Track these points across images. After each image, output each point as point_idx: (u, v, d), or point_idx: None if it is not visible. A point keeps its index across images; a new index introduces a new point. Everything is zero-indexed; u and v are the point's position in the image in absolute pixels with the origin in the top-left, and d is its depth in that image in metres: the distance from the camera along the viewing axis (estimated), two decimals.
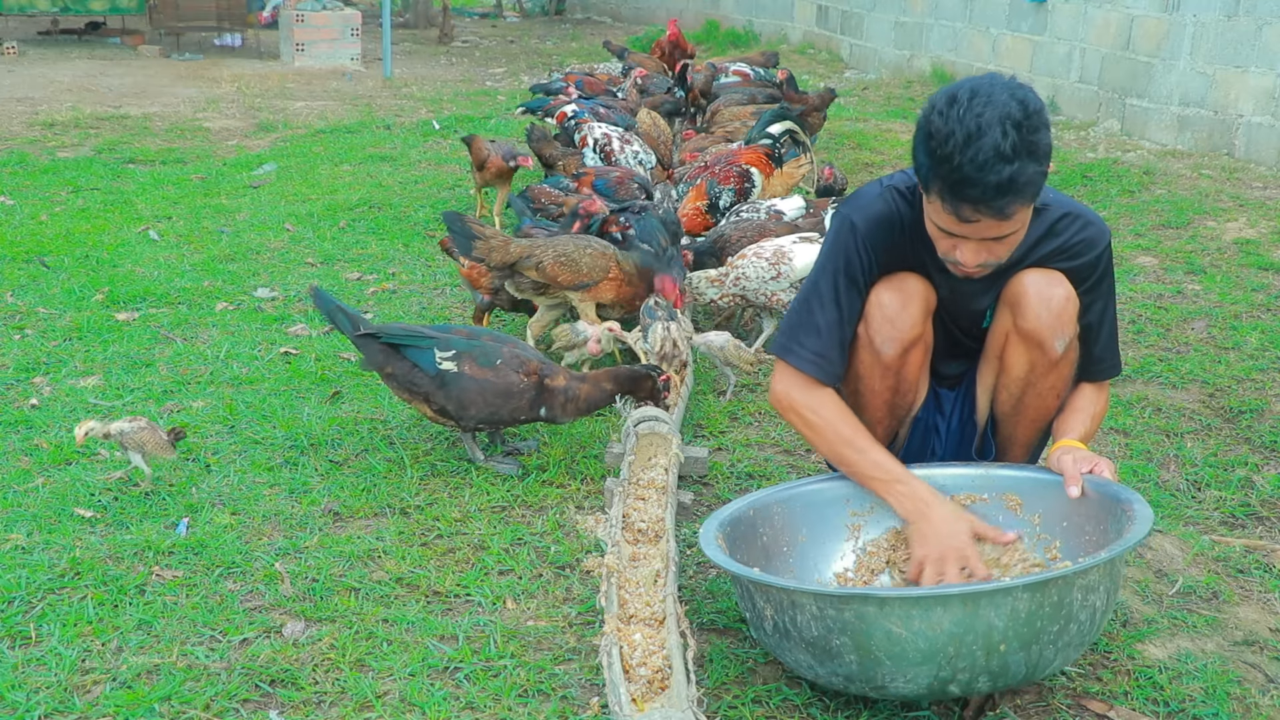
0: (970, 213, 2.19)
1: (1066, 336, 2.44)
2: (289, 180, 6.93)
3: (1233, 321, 4.45)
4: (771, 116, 5.38)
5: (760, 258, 4.00)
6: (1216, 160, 6.94)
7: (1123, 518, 2.24)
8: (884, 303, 2.47)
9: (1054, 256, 2.43)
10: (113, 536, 2.85)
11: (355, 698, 2.27)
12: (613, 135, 5.62)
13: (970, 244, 2.27)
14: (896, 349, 2.48)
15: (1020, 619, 1.98)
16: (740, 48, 12.52)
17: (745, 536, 2.44)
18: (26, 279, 4.91)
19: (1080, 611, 2.05)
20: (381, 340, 3.20)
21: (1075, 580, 2.03)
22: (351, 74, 11.59)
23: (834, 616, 2.03)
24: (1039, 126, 2.16)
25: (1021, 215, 2.23)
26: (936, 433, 2.69)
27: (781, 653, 2.22)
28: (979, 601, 1.97)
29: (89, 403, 3.65)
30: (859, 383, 2.56)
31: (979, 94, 2.15)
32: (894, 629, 1.98)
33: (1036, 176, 2.16)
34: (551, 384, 3.18)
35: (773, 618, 2.15)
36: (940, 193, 2.20)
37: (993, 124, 2.11)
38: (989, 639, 1.99)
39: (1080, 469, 2.39)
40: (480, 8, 20.09)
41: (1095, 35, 8.15)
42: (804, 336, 2.47)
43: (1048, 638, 2.02)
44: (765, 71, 7.98)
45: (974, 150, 2.11)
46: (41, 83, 10.43)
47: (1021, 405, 2.54)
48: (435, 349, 3.16)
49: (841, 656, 2.06)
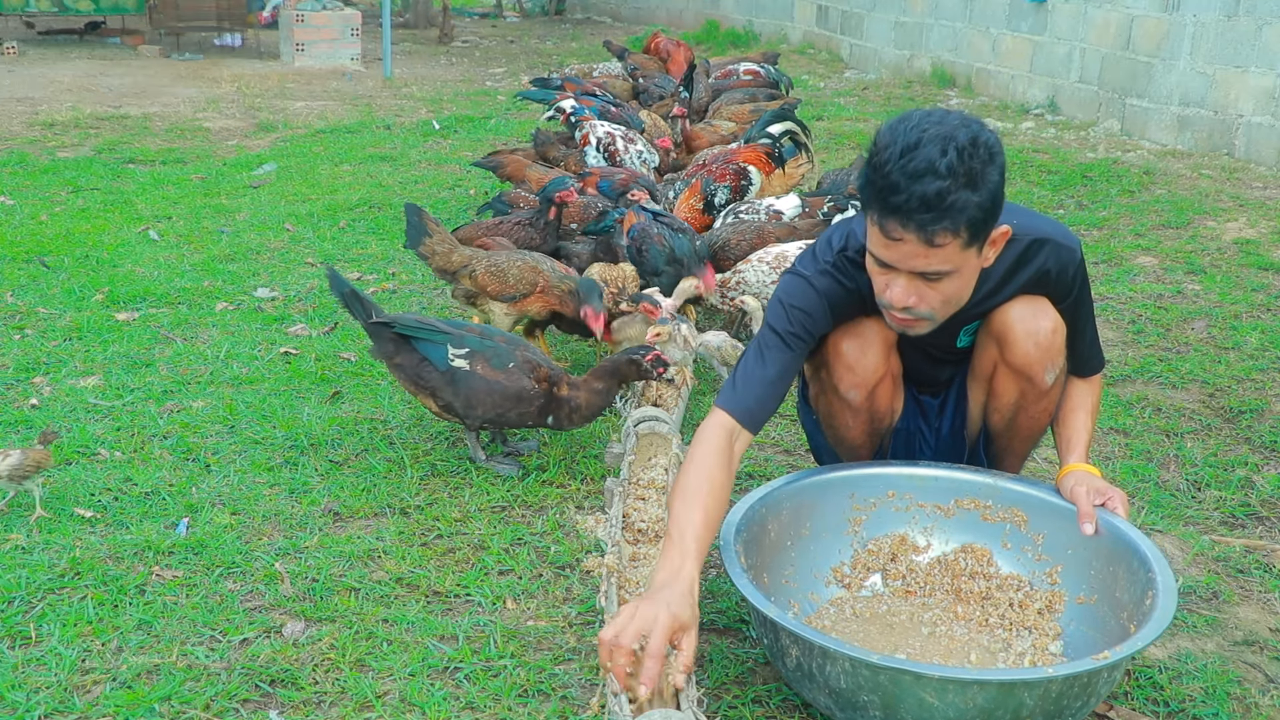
0: (896, 228, 2.11)
1: (1056, 367, 2.43)
2: (289, 180, 6.93)
3: (1233, 321, 4.45)
4: (772, 116, 5.38)
5: (763, 262, 4.00)
6: (1216, 160, 6.94)
7: (1142, 578, 2.23)
8: (843, 351, 2.46)
9: (1030, 284, 2.39)
10: (113, 536, 2.85)
11: (355, 698, 2.27)
12: (616, 134, 5.61)
13: (900, 279, 2.20)
14: (862, 394, 2.48)
15: (1050, 698, 2.00)
16: (740, 48, 12.52)
17: (757, 536, 2.43)
18: (26, 279, 4.91)
19: (1103, 687, 2.07)
20: (394, 330, 3.18)
21: (1103, 671, 2.03)
22: (351, 74, 11.59)
23: (868, 677, 2.01)
24: (987, 160, 2.08)
25: (950, 250, 2.11)
26: (923, 438, 2.69)
27: (801, 689, 2.19)
28: (1015, 686, 1.98)
29: (89, 403, 3.65)
30: (832, 419, 2.58)
31: (932, 116, 2.12)
32: (927, 699, 1.98)
33: (971, 207, 2.07)
34: (559, 393, 3.16)
35: (797, 658, 2.12)
36: (871, 205, 2.15)
37: (934, 139, 2.07)
38: (1016, 714, 2.00)
39: (1094, 502, 2.38)
40: (480, 8, 20.09)
41: (1095, 35, 8.15)
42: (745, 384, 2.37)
43: (1070, 711, 2.05)
44: (775, 70, 7.97)
45: (907, 159, 2.06)
46: (41, 83, 10.42)
47: (1014, 425, 2.54)
48: (449, 345, 3.15)
49: (867, 711, 2.05)
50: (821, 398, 2.59)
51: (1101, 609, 2.34)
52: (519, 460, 3.28)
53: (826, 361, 2.50)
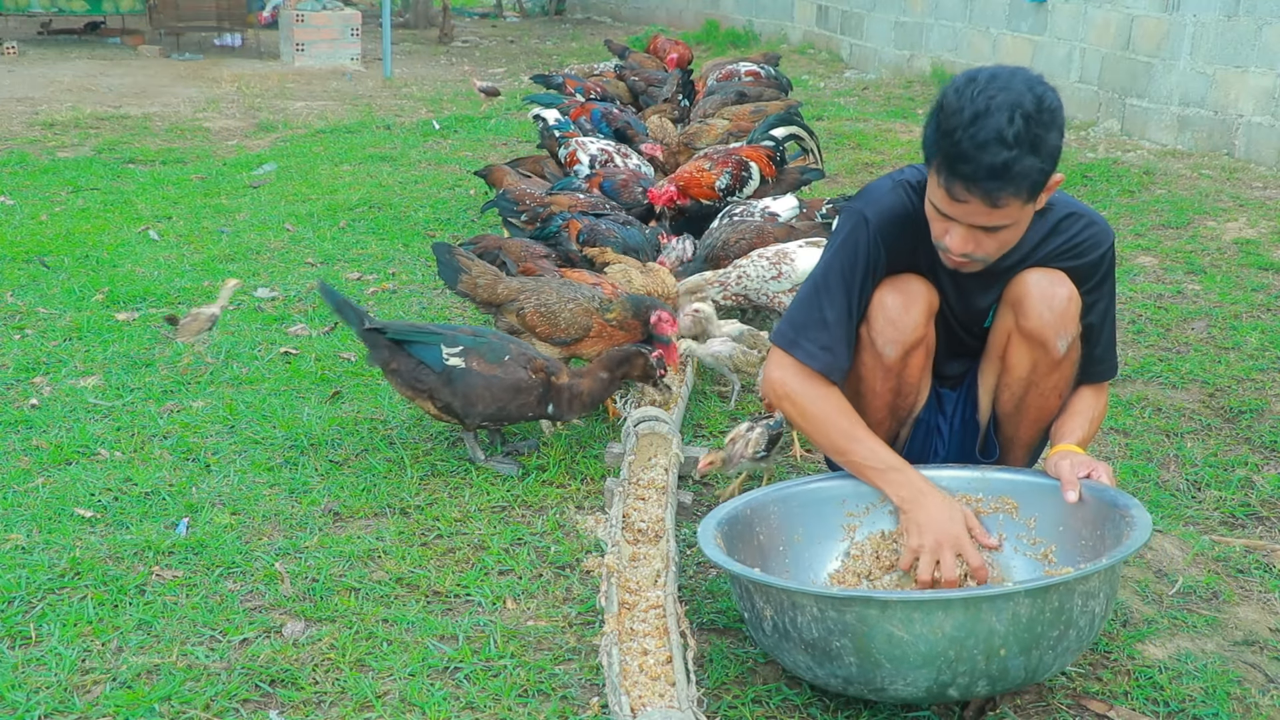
0: (962, 191, 2.18)
1: (1069, 336, 2.43)
2: (289, 180, 6.93)
3: (1233, 321, 4.45)
4: (776, 120, 5.39)
5: (762, 258, 4.01)
6: (1216, 160, 6.94)
7: (1120, 523, 2.24)
8: (887, 304, 2.46)
9: (1057, 256, 2.42)
10: (113, 536, 2.85)
11: (355, 698, 2.27)
12: (611, 151, 5.60)
13: (960, 229, 2.27)
14: (898, 351, 2.48)
15: (1021, 624, 1.99)
16: (740, 48, 12.51)
17: (742, 536, 2.43)
18: (26, 279, 4.91)
19: (1080, 617, 2.06)
20: (387, 336, 3.19)
21: (1076, 586, 2.03)
22: (351, 74, 11.59)
23: (835, 618, 2.03)
24: (1049, 124, 2.15)
25: (1013, 209, 2.21)
26: (939, 433, 2.69)
27: (780, 654, 2.22)
28: (981, 606, 1.97)
29: (89, 403, 3.65)
30: (860, 383, 2.56)
31: (998, 79, 2.16)
32: (895, 631, 1.98)
33: (1034, 171, 2.15)
34: (557, 381, 3.19)
35: (772, 618, 2.15)
36: (938, 166, 2.21)
37: (1002, 108, 2.12)
38: (989, 643, 1.99)
39: (1078, 473, 2.38)
40: (480, 8, 20.09)
41: (1095, 35, 8.15)
42: (810, 329, 2.44)
43: (1047, 643, 2.03)
44: (775, 70, 7.97)
45: (976, 128, 2.12)
46: (41, 83, 10.43)
47: (1024, 405, 2.54)
48: (441, 345, 3.16)
49: (841, 658, 2.06)
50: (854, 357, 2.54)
51: None
52: (518, 459, 3.28)
53: (868, 314, 2.49)
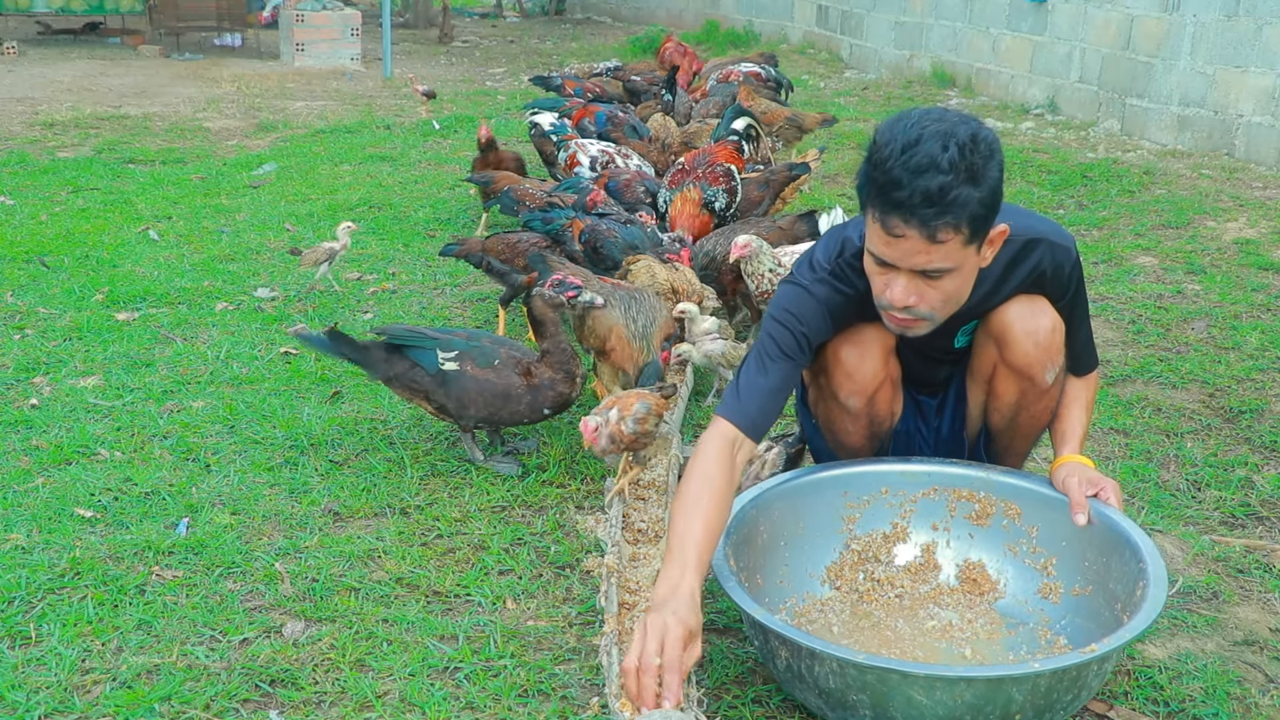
0: (898, 224, 2.10)
1: (1056, 366, 2.42)
2: (289, 180, 6.93)
3: (1233, 321, 4.45)
4: (733, 113, 5.42)
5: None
6: (1216, 160, 6.94)
7: (1133, 567, 2.23)
8: (842, 358, 2.45)
9: (1027, 283, 2.39)
10: (113, 536, 2.85)
11: (355, 698, 2.27)
12: (611, 152, 5.60)
13: (901, 278, 2.19)
14: (861, 400, 2.48)
15: (1040, 693, 2.00)
16: (740, 48, 12.51)
17: (748, 539, 2.43)
18: (26, 279, 4.91)
19: (1094, 680, 2.08)
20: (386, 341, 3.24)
21: (1093, 665, 2.04)
22: (351, 74, 11.59)
23: (855, 676, 2.02)
24: (987, 156, 2.10)
25: (953, 246, 2.12)
26: (922, 437, 2.69)
27: (792, 690, 2.20)
28: (1003, 681, 1.98)
29: (89, 403, 3.65)
30: (832, 424, 2.58)
31: (930, 114, 2.13)
32: (915, 696, 1.98)
33: (973, 203, 2.08)
34: (536, 381, 3.20)
35: (787, 659, 2.13)
36: (872, 201, 2.15)
37: (935, 136, 2.08)
38: (1006, 710, 2.00)
39: (1086, 493, 2.38)
40: (480, 8, 20.09)
41: (1095, 35, 8.15)
42: (746, 393, 2.37)
43: (1061, 705, 2.05)
44: (775, 70, 7.98)
45: (909, 155, 2.07)
46: (41, 83, 10.42)
47: (1015, 424, 2.54)
48: (438, 349, 3.18)
49: (857, 710, 2.05)
50: (821, 404, 2.59)
51: (1096, 601, 2.34)
52: (519, 459, 3.28)
53: (826, 368, 2.50)
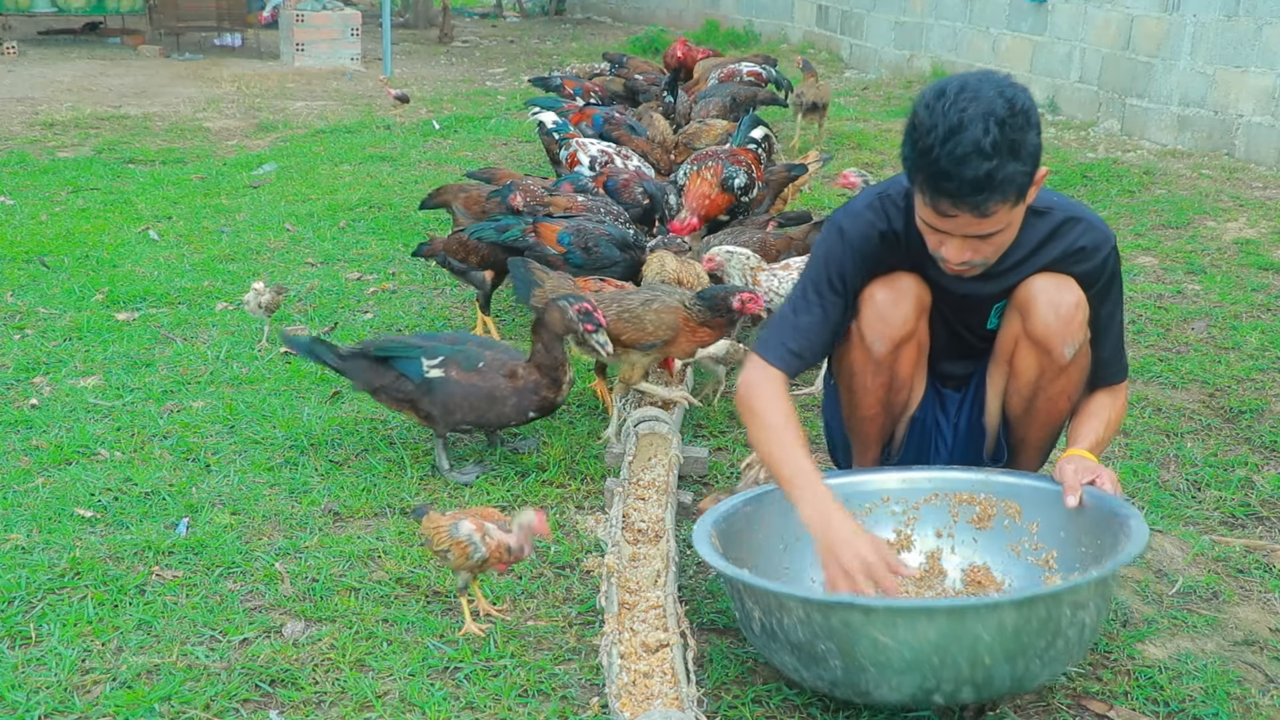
0: (949, 208, 2.18)
1: (1076, 342, 2.42)
2: (289, 180, 6.93)
3: (1233, 321, 4.45)
4: (751, 122, 5.42)
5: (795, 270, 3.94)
6: (1216, 160, 6.94)
7: (1119, 532, 2.24)
8: (876, 299, 2.47)
9: (1057, 261, 2.42)
10: (113, 536, 2.85)
11: (355, 698, 2.27)
12: (611, 152, 5.60)
13: (954, 240, 2.26)
14: (887, 346, 2.49)
15: (1007, 633, 1.99)
16: (740, 48, 12.50)
17: (741, 533, 2.44)
18: (26, 279, 4.91)
19: (1069, 628, 2.06)
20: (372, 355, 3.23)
21: (1065, 598, 2.04)
22: (351, 74, 11.59)
23: (820, 622, 2.04)
24: (1025, 126, 2.14)
25: (1003, 214, 2.20)
26: (939, 432, 2.69)
27: (769, 654, 2.23)
28: (966, 615, 1.98)
29: (89, 403, 3.65)
30: (852, 379, 2.57)
31: (967, 89, 2.15)
32: (879, 637, 1.99)
33: (1018, 175, 2.15)
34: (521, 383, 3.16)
35: (760, 619, 2.16)
36: (921, 185, 2.21)
37: (975, 119, 2.11)
38: (974, 651, 1.99)
39: (1081, 479, 2.38)
40: (480, 8, 20.08)
41: (1095, 35, 8.14)
42: (781, 333, 2.48)
43: (1034, 651, 2.03)
44: (775, 70, 7.98)
45: (953, 144, 2.11)
46: (41, 83, 10.42)
47: (1032, 409, 2.53)
48: (423, 357, 3.18)
49: (826, 661, 2.07)
50: (845, 357, 2.57)
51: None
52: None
53: (859, 309, 2.51)
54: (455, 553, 2.43)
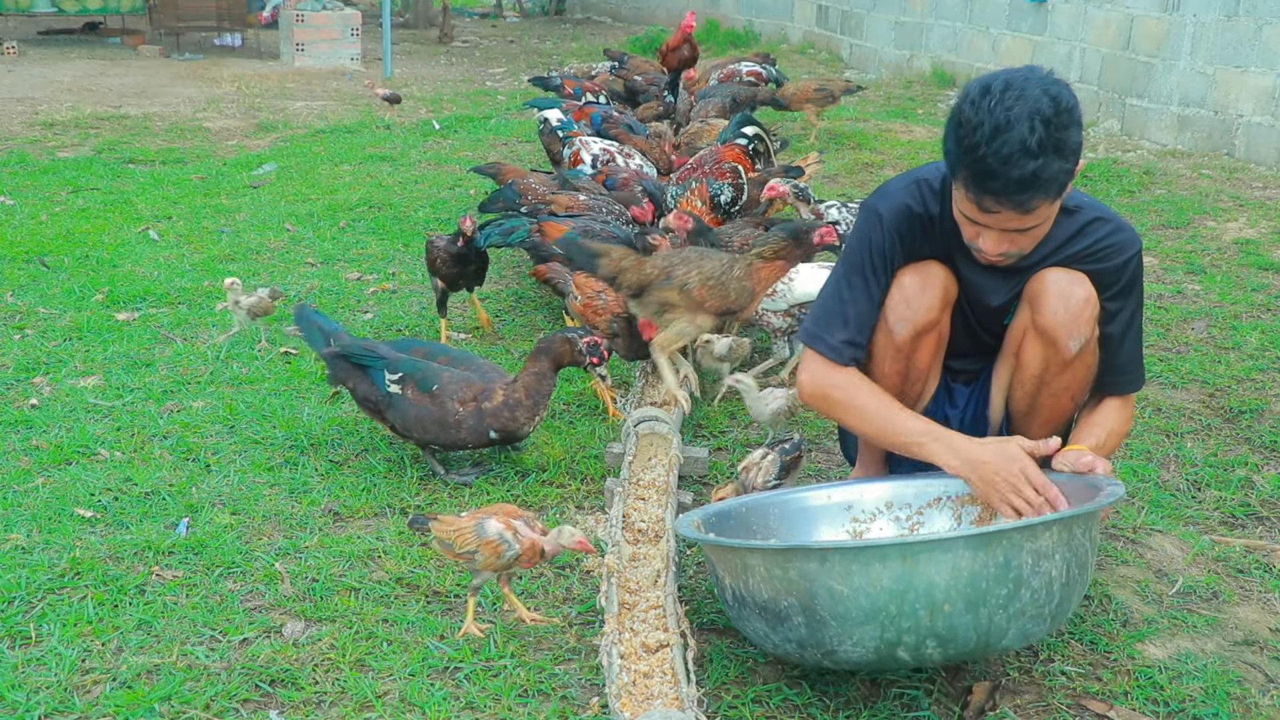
0: (992, 204, 2.21)
1: (1082, 337, 2.43)
2: (289, 180, 6.93)
3: (1233, 321, 4.45)
4: (742, 120, 5.42)
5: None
6: (1216, 160, 6.94)
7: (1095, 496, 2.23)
8: (904, 284, 2.50)
9: (1080, 258, 2.43)
10: (113, 536, 2.85)
11: (355, 698, 2.27)
12: (613, 150, 5.60)
13: (992, 233, 2.30)
14: (909, 330, 2.50)
15: (963, 577, 1.97)
16: (740, 48, 12.51)
17: (735, 530, 2.45)
18: (26, 279, 4.91)
19: (1032, 577, 2.02)
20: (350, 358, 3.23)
21: (1023, 542, 2.00)
22: (351, 74, 11.59)
23: (780, 576, 2.05)
24: (1069, 124, 2.17)
25: (1044, 209, 2.24)
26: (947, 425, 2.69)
27: (741, 622, 2.25)
28: (918, 556, 1.96)
29: (89, 403, 3.65)
30: (870, 363, 2.58)
31: (1012, 87, 2.17)
32: (835, 586, 1.99)
33: (1061, 173, 2.18)
34: (492, 406, 3.09)
35: (731, 585, 2.19)
36: (965, 181, 2.23)
37: (1021, 118, 2.13)
38: (930, 597, 1.97)
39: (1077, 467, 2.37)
40: (480, 8, 20.08)
41: (1095, 35, 8.15)
42: (833, 325, 2.51)
43: (996, 601, 2.00)
44: (775, 70, 7.99)
45: (1000, 143, 2.13)
46: (41, 83, 10.42)
47: (1036, 404, 2.53)
48: (385, 370, 3.17)
49: (790, 619, 2.08)
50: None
51: None
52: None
53: (886, 294, 2.53)
54: (485, 553, 2.39)
